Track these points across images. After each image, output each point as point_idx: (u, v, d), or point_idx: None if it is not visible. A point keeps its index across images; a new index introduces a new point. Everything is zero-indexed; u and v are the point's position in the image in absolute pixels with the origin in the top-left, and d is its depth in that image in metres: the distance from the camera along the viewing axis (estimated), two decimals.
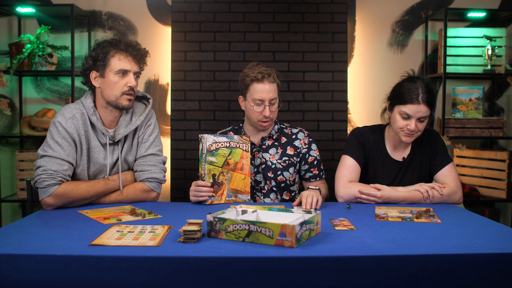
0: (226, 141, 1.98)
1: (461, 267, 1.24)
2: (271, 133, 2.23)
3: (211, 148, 1.95)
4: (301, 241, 1.33)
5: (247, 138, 2.04)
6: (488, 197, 3.22)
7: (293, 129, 2.29)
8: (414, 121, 1.94)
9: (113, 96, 1.90)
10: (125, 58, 1.90)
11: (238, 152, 2.00)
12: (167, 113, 3.36)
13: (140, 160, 2.02)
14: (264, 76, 2.11)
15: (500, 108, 3.47)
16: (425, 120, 1.97)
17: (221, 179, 1.96)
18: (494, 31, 3.26)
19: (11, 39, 3.32)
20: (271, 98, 2.12)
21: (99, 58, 1.90)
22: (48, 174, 1.80)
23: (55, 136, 1.86)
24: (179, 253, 1.24)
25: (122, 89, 1.90)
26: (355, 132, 2.15)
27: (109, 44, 1.91)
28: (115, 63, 1.89)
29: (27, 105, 3.37)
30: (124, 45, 1.90)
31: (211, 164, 1.94)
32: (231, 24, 3.16)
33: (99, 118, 1.94)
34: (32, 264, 1.21)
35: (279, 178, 2.17)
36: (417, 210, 1.75)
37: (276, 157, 2.19)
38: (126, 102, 1.92)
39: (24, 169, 3.15)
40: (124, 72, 1.90)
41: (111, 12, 3.35)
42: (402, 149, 2.12)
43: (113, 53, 1.89)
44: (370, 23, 3.40)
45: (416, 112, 1.93)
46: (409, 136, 1.99)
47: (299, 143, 2.23)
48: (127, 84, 1.90)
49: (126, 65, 1.90)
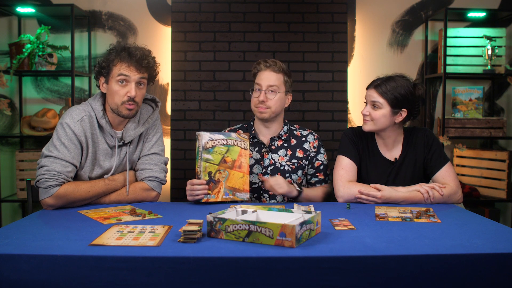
0: (223, 138, 1.97)
1: (461, 267, 1.24)
2: (280, 133, 2.22)
3: (207, 146, 1.93)
4: (301, 241, 1.33)
5: (246, 135, 2.02)
6: (488, 197, 3.22)
7: (303, 131, 2.27)
8: (368, 106, 2.06)
9: (114, 104, 1.90)
10: (127, 67, 1.88)
11: (236, 149, 1.98)
12: (167, 113, 3.36)
13: (142, 158, 2.02)
14: (267, 65, 2.16)
15: (500, 108, 3.47)
16: (378, 109, 2.02)
17: (217, 177, 1.94)
18: (494, 31, 3.26)
19: (11, 39, 3.32)
20: (268, 84, 2.13)
21: (103, 66, 1.90)
22: (51, 175, 1.80)
23: (61, 137, 1.85)
24: (179, 253, 1.24)
25: (122, 99, 1.88)
26: (348, 132, 2.17)
27: (115, 51, 1.90)
28: (116, 71, 1.88)
29: (27, 105, 3.37)
30: (126, 54, 1.87)
31: (206, 161, 1.93)
32: (231, 24, 3.16)
33: (108, 121, 1.94)
34: (32, 264, 1.21)
35: (287, 180, 2.16)
36: (417, 210, 1.75)
37: (285, 159, 2.19)
38: (126, 112, 1.90)
39: (24, 169, 3.15)
40: (124, 81, 1.88)
41: (111, 12, 3.35)
42: (392, 148, 2.11)
43: (115, 62, 1.88)
44: (370, 23, 3.40)
45: (369, 96, 2.07)
46: (364, 122, 2.08)
47: (308, 146, 2.23)
48: (127, 93, 1.88)
49: (126, 74, 1.87)
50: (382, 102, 2.01)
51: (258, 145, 2.21)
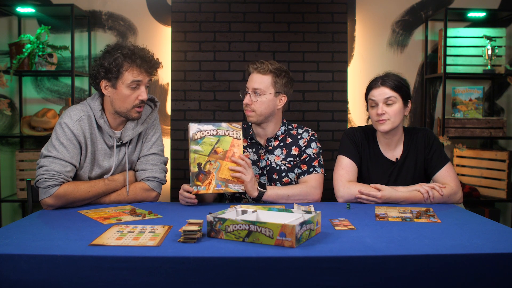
0: (212, 129, 1.90)
1: (461, 267, 1.24)
2: (276, 134, 2.19)
3: (195, 137, 1.88)
4: (301, 241, 1.33)
5: (238, 125, 1.95)
6: (488, 197, 3.22)
7: (299, 129, 2.23)
8: (381, 105, 2.00)
9: (124, 108, 1.90)
10: (140, 73, 1.87)
11: (227, 140, 1.92)
12: (167, 113, 3.36)
13: (142, 159, 2.02)
14: (254, 67, 2.13)
15: (500, 108, 3.47)
16: (393, 104, 1.99)
17: (208, 168, 1.88)
18: (494, 31, 3.26)
19: (11, 39, 3.32)
20: (253, 87, 2.10)
21: (112, 71, 1.85)
22: (51, 174, 1.80)
23: (60, 137, 1.85)
24: (179, 253, 1.24)
25: (134, 103, 1.89)
26: (348, 132, 2.16)
27: (123, 56, 1.85)
28: (128, 77, 1.86)
29: (27, 105, 3.37)
30: (139, 61, 1.86)
31: (196, 153, 1.88)
32: (231, 24, 3.16)
33: (106, 121, 1.94)
34: (32, 264, 1.21)
35: (284, 180, 2.14)
36: (417, 210, 1.75)
37: (280, 158, 2.17)
38: (136, 115, 1.92)
39: (24, 169, 3.15)
40: (137, 84, 1.88)
41: (111, 12, 3.35)
42: (393, 148, 2.11)
43: (126, 67, 1.85)
44: (370, 23, 3.40)
45: (380, 94, 2.01)
46: (382, 123, 2.01)
47: (302, 143, 2.18)
48: (139, 97, 1.88)
49: (140, 79, 1.87)
50: (396, 96, 2.00)
51: (255, 146, 2.20)
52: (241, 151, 1.93)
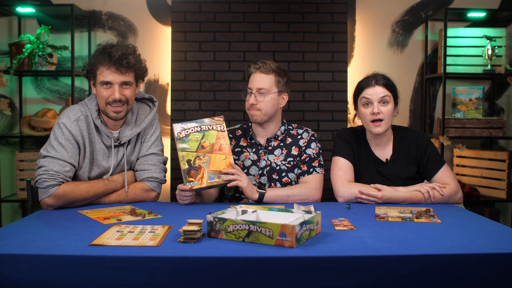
0: (195, 126, 1.96)
1: (461, 267, 1.24)
2: (276, 134, 2.19)
3: (180, 136, 1.93)
4: (301, 241, 1.33)
5: (221, 118, 2.00)
6: (488, 197, 3.22)
7: (299, 129, 2.23)
8: (376, 104, 1.99)
9: (101, 105, 1.91)
10: (107, 70, 1.86)
11: (212, 133, 1.96)
12: (167, 113, 3.36)
13: (141, 159, 2.02)
14: (256, 67, 2.13)
15: (500, 108, 3.47)
16: (387, 104, 1.99)
17: (198, 163, 1.92)
18: (494, 31, 3.26)
19: (11, 39, 3.32)
20: (257, 87, 2.10)
21: (88, 70, 1.91)
22: (50, 174, 1.80)
23: (59, 137, 1.85)
24: (179, 253, 1.24)
25: (106, 100, 1.88)
26: (340, 133, 2.16)
27: (97, 54, 1.88)
28: (99, 77, 1.87)
29: (27, 105, 3.37)
30: (106, 56, 1.85)
31: (183, 150, 1.92)
32: (231, 24, 3.16)
33: (103, 121, 1.94)
34: (32, 264, 1.21)
35: (284, 180, 2.14)
36: (417, 210, 1.75)
37: (280, 158, 2.17)
38: (113, 114, 1.89)
39: (24, 169, 3.15)
40: (107, 84, 1.87)
41: (111, 12, 3.35)
42: (383, 148, 2.10)
43: (98, 65, 1.87)
44: (370, 23, 3.40)
45: (375, 93, 1.99)
46: (377, 125, 2.00)
47: (302, 143, 2.18)
48: (111, 96, 1.87)
49: (108, 77, 1.86)
50: (390, 95, 2.01)
51: (255, 146, 2.20)
52: (228, 142, 1.98)
